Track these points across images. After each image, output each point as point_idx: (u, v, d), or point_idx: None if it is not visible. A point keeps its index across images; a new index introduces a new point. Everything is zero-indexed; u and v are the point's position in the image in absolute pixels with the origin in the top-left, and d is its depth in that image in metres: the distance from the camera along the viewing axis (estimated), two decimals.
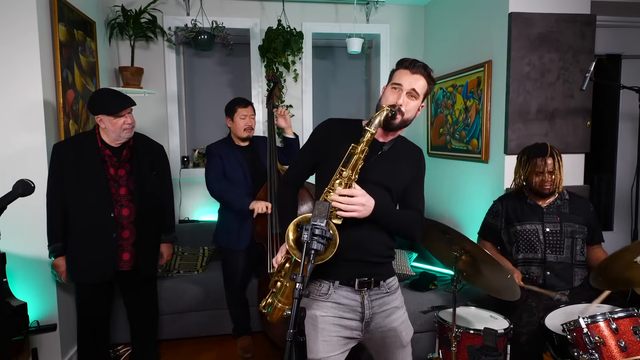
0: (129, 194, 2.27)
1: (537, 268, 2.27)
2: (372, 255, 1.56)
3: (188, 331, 3.06)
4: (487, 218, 2.47)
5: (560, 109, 2.65)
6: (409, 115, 1.53)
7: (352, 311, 1.57)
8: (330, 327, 1.54)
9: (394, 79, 1.54)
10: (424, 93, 1.55)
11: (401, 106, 1.50)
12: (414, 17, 3.92)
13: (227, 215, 2.81)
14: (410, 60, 1.53)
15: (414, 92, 1.51)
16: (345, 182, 1.43)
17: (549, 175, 2.23)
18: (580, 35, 2.63)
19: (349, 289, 1.56)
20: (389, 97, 1.52)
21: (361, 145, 1.43)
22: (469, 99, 3.07)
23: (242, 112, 2.78)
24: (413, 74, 1.51)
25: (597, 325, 1.79)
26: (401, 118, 1.51)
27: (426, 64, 1.53)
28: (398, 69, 1.55)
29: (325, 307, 1.55)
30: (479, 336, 1.97)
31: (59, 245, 2.24)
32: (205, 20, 3.48)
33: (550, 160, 2.22)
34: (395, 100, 1.50)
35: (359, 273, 1.56)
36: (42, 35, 2.37)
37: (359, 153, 1.43)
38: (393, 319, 1.62)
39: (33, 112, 2.37)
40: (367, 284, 1.56)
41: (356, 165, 1.43)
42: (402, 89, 1.51)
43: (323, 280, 1.57)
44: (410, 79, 1.51)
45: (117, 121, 2.18)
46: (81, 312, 2.38)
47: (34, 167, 2.34)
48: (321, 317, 1.54)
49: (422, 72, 1.52)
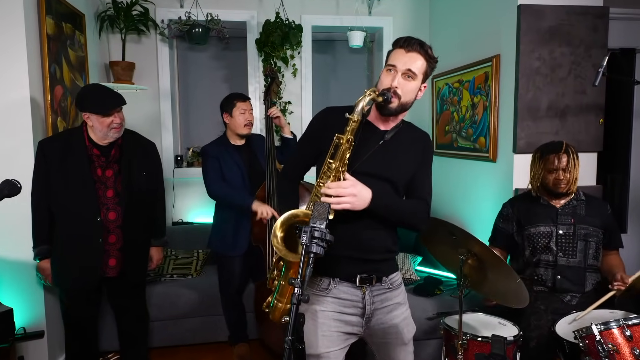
0: (116, 196, 2.26)
1: (546, 271, 2.27)
2: (373, 253, 1.56)
3: (182, 338, 3.06)
4: (497, 223, 2.46)
5: (571, 105, 2.65)
6: (407, 98, 1.49)
7: (353, 306, 1.57)
8: (330, 322, 1.55)
9: (388, 60, 1.50)
10: (423, 72, 1.49)
11: (396, 88, 1.46)
12: (419, 9, 3.92)
13: (222, 219, 2.81)
14: (404, 39, 1.48)
15: (410, 72, 1.46)
16: (334, 175, 1.42)
17: (563, 173, 2.23)
18: (592, 29, 2.63)
19: (350, 285, 1.56)
20: (384, 81, 1.49)
21: (346, 135, 1.40)
22: (476, 95, 3.07)
23: (241, 106, 2.76)
24: (408, 52, 1.46)
25: (610, 332, 1.79)
26: (398, 102, 1.47)
27: (423, 41, 1.48)
28: (392, 50, 1.51)
29: (326, 302, 1.56)
30: (487, 344, 1.96)
31: (44, 247, 2.24)
32: (199, 12, 3.48)
33: (564, 157, 2.22)
34: (390, 83, 1.46)
35: (360, 270, 1.55)
36: (28, 29, 2.37)
37: (344, 143, 1.40)
38: (395, 315, 1.62)
39: (19, 109, 2.36)
40: (368, 279, 1.56)
41: (344, 155, 1.42)
42: (396, 70, 1.46)
43: (323, 276, 1.57)
44: (405, 59, 1.46)
45: (105, 120, 2.17)
46: (67, 317, 2.39)
47: (21, 167, 2.34)
48: (321, 312, 1.55)
49: (418, 49, 1.46)
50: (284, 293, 1.53)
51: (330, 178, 1.42)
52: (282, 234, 1.41)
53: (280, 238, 1.40)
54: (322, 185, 1.43)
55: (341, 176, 1.42)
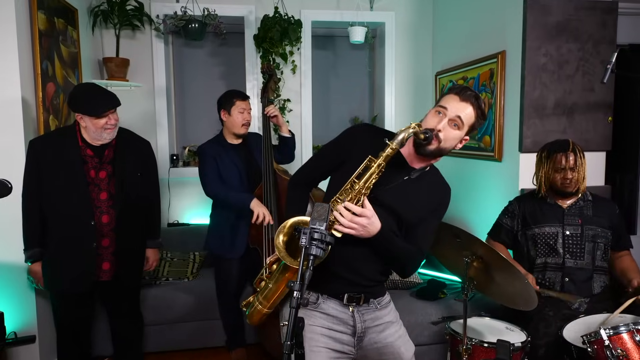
0: (109, 199, 2.25)
1: (554, 273, 2.27)
2: (364, 278, 1.59)
3: (177, 343, 3.05)
4: (501, 218, 2.47)
5: (579, 103, 2.65)
6: (447, 144, 1.50)
7: (343, 324, 1.59)
8: (318, 337, 1.56)
9: (440, 102, 1.51)
10: (470, 125, 1.51)
11: (439, 132, 1.47)
12: (422, 3, 3.92)
13: (220, 220, 2.81)
14: (462, 87, 1.50)
15: (458, 119, 1.47)
16: (355, 195, 1.43)
17: (571, 172, 2.23)
18: (601, 24, 2.63)
19: (338, 302, 1.59)
20: (429, 120, 1.50)
21: (379, 160, 1.41)
22: (481, 93, 3.06)
23: (240, 105, 2.76)
24: (462, 101, 1.48)
25: (619, 337, 1.78)
26: (437, 145, 1.48)
27: (479, 94, 1.50)
28: (447, 93, 1.52)
29: (314, 316, 1.57)
30: (493, 349, 1.96)
31: (36, 250, 2.23)
32: (196, 7, 3.48)
33: (572, 156, 2.22)
34: (435, 125, 1.47)
35: (348, 289, 1.58)
36: (19, 24, 2.36)
37: (375, 167, 1.42)
38: (388, 334, 1.64)
39: (10, 107, 2.36)
40: (356, 299, 1.59)
41: (369, 179, 1.42)
42: (446, 113, 1.48)
43: (311, 291, 1.58)
44: (458, 106, 1.47)
45: (98, 122, 2.16)
46: (59, 321, 2.38)
47: (12, 167, 2.33)
48: (309, 326, 1.55)
49: (472, 101, 1.48)
50: (269, 298, 1.56)
51: (349, 197, 1.43)
52: (285, 238, 1.41)
53: (282, 242, 1.41)
54: (340, 201, 1.44)
55: (362, 199, 1.43)
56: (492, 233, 2.50)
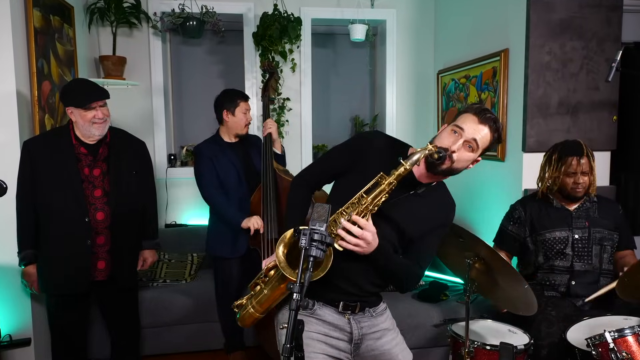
0: (104, 195, 2.26)
1: (560, 276, 2.27)
2: (359, 289, 1.60)
3: (175, 346, 3.05)
4: (504, 224, 2.44)
5: (583, 102, 2.65)
6: (459, 165, 1.48)
7: (340, 330, 1.60)
8: (314, 343, 1.55)
9: (457, 121, 1.49)
10: (484, 148, 1.49)
11: (454, 153, 1.45)
12: (423, 1, 3.92)
13: (220, 220, 2.80)
14: (482, 108, 1.48)
15: (474, 142, 1.45)
16: (362, 210, 1.42)
17: (582, 176, 2.22)
18: (605, 21, 2.62)
19: (333, 310, 1.60)
20: (444, 139, 1.47)
21: (390, 178, 1.39)
22: (484, 91, 3.06)
23: (244, 106, 2.77)
24: (480, 123, 1.45)
25: (624, 339, 1.78)
26: (449, 165, 1.46)
27: (497, 118, 1.49)
28: (465, 112, 1.50)
29: (310, 322, 1.57)
30: (496, 352, 1.96)
31: (30, 252, 2.24)
32: (194, 4, 3.48)
33: (585, 160, 2.21)
34: (450, 145, 1.45)
35: (344, 298, 1.59)
36: (14, 22, 2.36)
37: (385, 185, 1.40)
38: (385, 342, 1.64)
39: (5, 106, 2.36)
40: (351, 307, 1.60)
41: (378, 196, 1.41)
42: (462, 134, 1.45)
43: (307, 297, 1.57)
44: (476, 128, 1.45)
45: (86, 114, 2.17)
46: (53, 324, 2.38)
47: (6, 166, 2.33)
48: (305, 332, 1.55)
49: (491, 124, 1.46)
50: (263, 303, 1.56)
51: (355, 211, 1.42)
52: (285, 250, 1.42)
53: (282, 253, 1.41)
54: (345, 214, 1.44)
55: (367, 215, 1.42)
56: (498, 241, 2.48)
